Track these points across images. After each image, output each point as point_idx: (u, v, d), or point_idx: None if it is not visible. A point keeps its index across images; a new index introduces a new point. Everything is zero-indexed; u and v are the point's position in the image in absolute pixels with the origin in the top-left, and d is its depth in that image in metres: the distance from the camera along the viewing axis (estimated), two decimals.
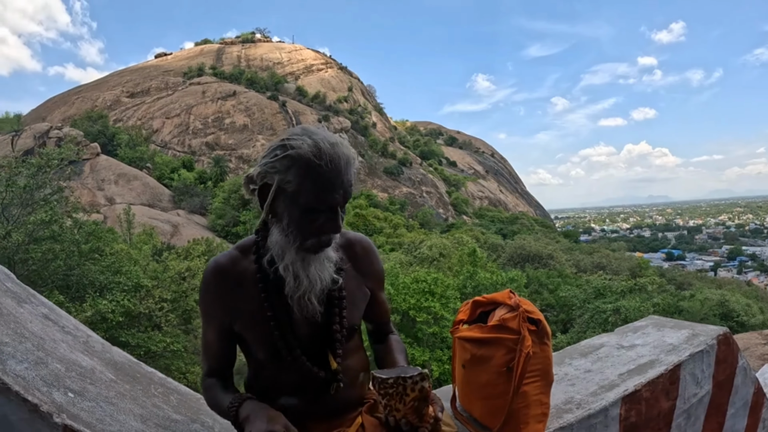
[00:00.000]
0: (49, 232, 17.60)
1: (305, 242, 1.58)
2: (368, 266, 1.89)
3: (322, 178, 1.50)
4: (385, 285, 2.08)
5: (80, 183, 51.78)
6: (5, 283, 2.21)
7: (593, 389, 2.58)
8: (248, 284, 1.70)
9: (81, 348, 2.09)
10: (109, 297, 16.99)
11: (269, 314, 1.67)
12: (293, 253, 1.61)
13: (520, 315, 2.12)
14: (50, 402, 1.55)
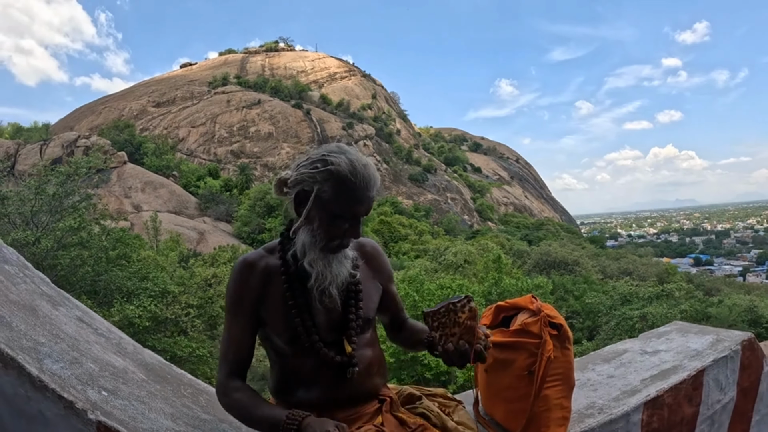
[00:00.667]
0: (77, 239, 17.95)
1: (330, 243, 1.79)
2: (379, 264, 2.10)
3: (354, 192, 1.74)
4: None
5: (107, 191, 52.62)
6: (41, 286, 2.28)
7: (615, 394, 2.58)
8: (274, 277, 1.87)
9: (113, 349, 2.15)
10: (136, 302, 17.26)
11: (291, 302, 1.83)
12: (317, 252, 1.81)
13: (542, 319, 2.14)
14: (85, 399, 1.61)
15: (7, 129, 73.47)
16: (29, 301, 2.06)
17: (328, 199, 1.74)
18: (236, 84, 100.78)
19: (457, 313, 1.68)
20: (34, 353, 1.70)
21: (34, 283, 2.27)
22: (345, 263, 1.86)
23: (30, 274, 2.33)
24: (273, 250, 1.94)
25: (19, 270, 2.29)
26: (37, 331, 1.85)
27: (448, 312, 1.70)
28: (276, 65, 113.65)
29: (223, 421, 2.09)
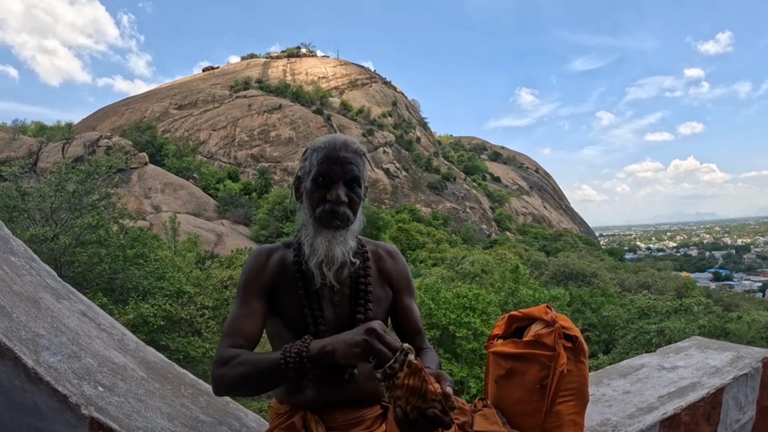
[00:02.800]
0: (95, 237, 18.07)
1: (316, 211, 1.84)
2: (391, 267, 2.06)
3: (326, 152, 1.85)
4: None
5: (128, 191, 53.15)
6: (46, 279, 2.25)
7: (631, 411, 2.51)
8: (288, 269, 1.91)
9: (115, 345, 2.11)
10: (152, 301, 17.32)
11: (301, 291, 1.86)
12: (311, 228, 1.86)
13: (556, 331, 2.06)
14: (80, 394, 1.56)
15: (31, 127, 74.49)
16: (33, 293, 2.03)
17: (308, 170, 1.88)
18: (258, 88, 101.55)
19: (395, 373, 1.43)
20: (32, 345, 1.66)
21: (39, 275, 2.24)
22: (341, 245, 1.85)
23: (36, 266, 2.30)
24: (290, 245, 1.99)
25: (26, 262, 2.26)
26: (37, 323, 1.82)
27: (385, 374, 1.43)
28: (297, 70, 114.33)
29: (222, 423, 2.04)
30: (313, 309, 1.86)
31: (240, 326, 1.81)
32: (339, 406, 1.86)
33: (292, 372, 1.54)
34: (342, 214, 1.83)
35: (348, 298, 1.92)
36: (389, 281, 2.04)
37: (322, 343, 1.55)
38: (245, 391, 1.69)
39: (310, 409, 1.85)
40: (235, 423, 2.15)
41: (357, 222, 1.92)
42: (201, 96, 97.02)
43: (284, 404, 1.93)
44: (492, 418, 1.96)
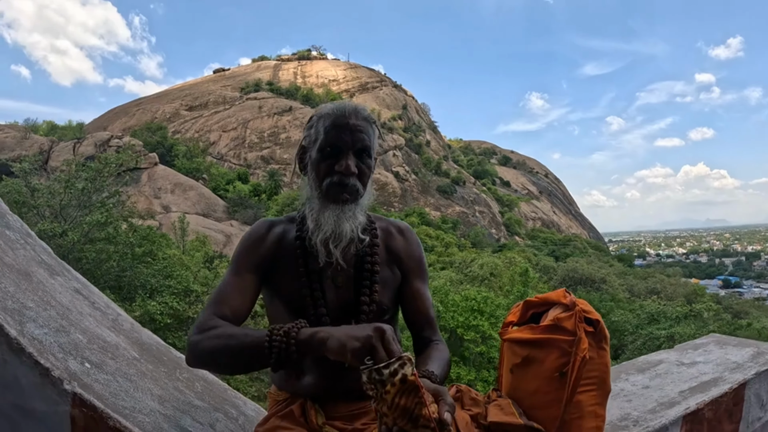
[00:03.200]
0: (104, 234, 18.07)
1: (322, 184, 1.69)
2: (401, 245, 1.90)
3: (334, 120, 1.70)
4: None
5: (137, 190, 53.27)
6: (41, 255, 2.15)
7: (652, 406, 2.41)
8: (289, 244, 1.78)
9: (108, 324, 2.00)
10: (159, 299, 17.28)
11: (301, 269, 1.71)
12: (317, 201, 1.71)
13: (576, 314, 1.92)
14: (63, 369, 1.45)
15: (42, 126, 74.85)
16: (25, 266, 1.92)
17: (314, 139, 1.73)
18: (268, 90, 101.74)
19: (383, 385, 1.17)
20: (18, 315, 1.55)
21: (34, 250, 2.14)
22: (350, 220, 1.70)
23: (32, 242, 2.20)
24: (293, 220, 1.86)
25: (21, 237, 2.15)
26: (26, 295, 1.70)
27: (371, 380, 1.18)
28: (308, 73, 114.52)
29: (217, 410, 1.92)
30: (314, 289, 1.71)
31: (228, 297, 1.66)
32: (341, 396, 1.73)
33: (275, 355, 1.36)
34: (351, 187, 1.69)
35: (352, 279, 1.76)
36: (398, 262, 1.88)
37: (316, 330, 1.37)
38: (220, 366, 1.55)
39: (310, 397, 1.73)
40: (232, 410, 2.03)
41: (367, 196, 1.77)
42: (211, 97, 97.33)
43: (283, 391, 1.81)
44: (507, 409, 1.83)
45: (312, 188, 1.74)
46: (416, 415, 1.16)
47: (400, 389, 1.15)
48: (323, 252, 1.70)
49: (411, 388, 1.16)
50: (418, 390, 1.16)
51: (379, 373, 1.16)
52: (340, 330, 1.32)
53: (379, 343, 1.23)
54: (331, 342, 1.31)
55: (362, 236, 1.75)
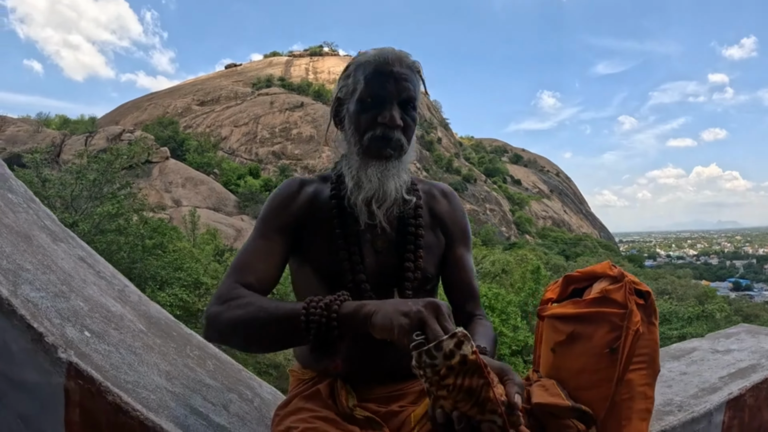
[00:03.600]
0: (115, 225, 18.01)
1: (363, 138, 1.52)
2: (445, 209, 1.73)
3: (376, 68, 1.52)
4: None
5: (149, 184, 53.31)
6: (44, 220, 1.99)
7: (693, 391, 2.34)
8: (323, 205, 1.61)
9: (114, 294, 1.83)
10: (169, 291, 17.21)
11: (338, 231, 1.54)
12: (356, 158, 1.55)
13: (626, 285, 1.74)
14: (59, 335, 1.29)
15: (55, 120, 75.11)
16: (26, 229, 1.75)
17: (353, 89, 1.56)
18: (280, 86, 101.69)
19: (436, 368, 0.97)
20: (12, 276, 1.38)
21: (37, 215, 1.97)
22: (395, 179, 1.53)
23: (35, 207, 2.03)
24: (327, 179, 1.68)
25: (24, 201, 1.99)
26: (24, 257, 1.54)
27: (422, 364, 0.98)
28: (320, 69, 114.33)
29: (231, 390, 1.75)
30: (352, 253, 1.53)
31: (253, 263, 1.47)
32: (377, 377, 1.56)
33: (314, 330, 1.17)
34: (396, 141, 1.52)
35: (394, 244, 1.59)
36: (442, 226, 1.70)
37: (361, 304, 1.18)
38: (243, 341, 1.34)
39: (341, 377, 1.55)
40: (247, 392, 1.86)
41: (411, 152, 1.60)
42: (223, 93, 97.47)
43: (308, 369, 1.63)
44: (553, 390, 1.64)
45: (350, 144, 1.57)
46: (483, 399, 0.97)
47: (460, 371, 0.97)
48: (364, 213, 1.53)
49: (473, 368, 0.97)
50: (481, 370, 0.97)
51: (431, 355, 0.97)
52: (388, 303, 1.13)
53: (433, 319, 1.05)
54: (377, 318, 1.12)
55: (407, 197, 1.58)
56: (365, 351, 1.52)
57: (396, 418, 1.46)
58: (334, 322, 1.17)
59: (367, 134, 1.51)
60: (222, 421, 1.51)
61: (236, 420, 1.59)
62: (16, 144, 55.10)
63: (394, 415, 1.46)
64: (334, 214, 1.57)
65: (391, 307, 1.11)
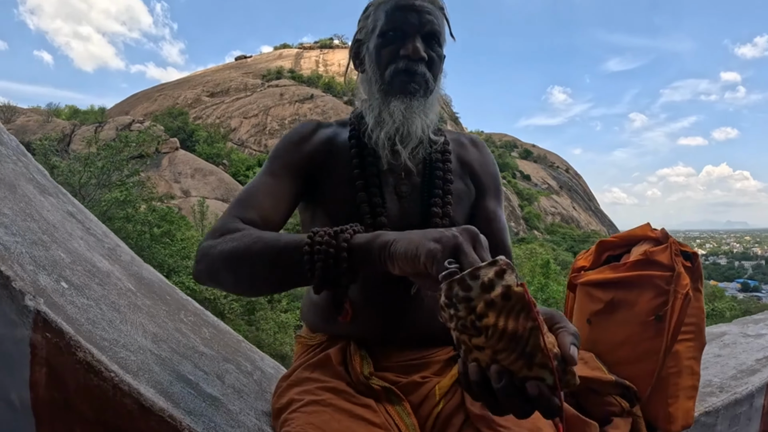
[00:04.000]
0: (123, 213, 17.93)
1: (385, 73, 1.37)
2: (475, 158, 1.55)
3: (394, 4, 1.38)
4: None
5: (158, 174, 53.35)
6: (34, 174, 1.81)
7: (732, 373, 2.29)
8: (339, 147, 1.45)
9: (103, 252, 1.65)
10: (176, 279, 17.12)
11: (357, 172, 1.38)
12: (379, 97, 1.38)
13: (672, 246, 1.55)
14: (30, 282, 1.10)
15: (65, 111, 75.38)
16: (11, 179, 1.57)
17: (373, 27, 1.42)
18: (290, 78, 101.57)
19: (471, 304, 0.72)
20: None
21: (27, 168, 1.79)
22: (420, 116, 1.36)
23: (25, 161, 1.85)
24: (346, 124, 1.52)
25: (13, 153, 1.81)
26: (3, 203, 1.36)
27: (453, 297, 0.74)
28: (330, 61, 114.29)
29: (228, 361, 1.57)
30: (372, 195, 1.35)
31: (257, 199, 1.29)
32: (397, 341, 1.36)
33: (319, 263, 0.95)
34: (421, 75, 1.36)
35: (419, 190, 1.41)
36: (472, 175, 1.52)
37: (376, 233, 0.96)
38: (233, 278, 1.10)
39: (355, 340, 1.37)
40: (247, 364, 1.68)
41: (437, 92, 1.44)
42: (233, 84, 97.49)
43: (318, 333, 1.45)
44: (593, 363, 1.46)
45: (371, 83, 1.41)
46: (531, 348, 0.70)
47: (503, 308, 0.71)
48: (387, 152, 1.37)
49: (519, 305, 0.71)
50: (529, 308, 0.71)
51: (465, 285, 0.72)
52: (412, 232, 0.90)
53: (470, 246, 0.82)
54: (399, 245, 0.89)
55: (434, 137, 1.44)
56: (384, 308, 1.34)
57: (418, 390, 1.28)
58: (343, 253, 0.94)
59: (389, 68, 1.36)
60: (214, 392, 1.32)
61: (231, 392, 1.40)
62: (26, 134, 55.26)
63: (415, 386, 1.28)
64: (353, 154, 1.40)
65: (416, 234, 0.88)
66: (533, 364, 0.71)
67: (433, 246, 0.82)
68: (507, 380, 0.72)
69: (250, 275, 1.07)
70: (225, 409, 1.26)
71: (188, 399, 1.18)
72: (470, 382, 0.75)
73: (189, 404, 1.16)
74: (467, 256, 0.79)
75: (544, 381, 0.71)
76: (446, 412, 1.22)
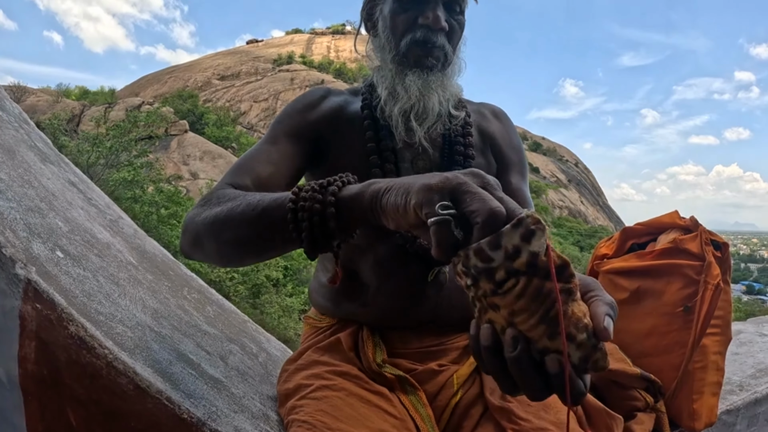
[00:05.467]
0: (131, 194, 17.92)
1: (400, 43, 1.25)
2: (497, 131, 1.43)
3: None
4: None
5: (167, 156, 53.36)
6: (36, 142, 1.73)
7: (750, 372, 2.23)
8: (351, 117, 1.33)
9: (104, 222, 1.58)
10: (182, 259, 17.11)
11: (371, 145, 1.26)
12: (392, 69, 1.28)
13: (701, 235, 1.47)
14: (22, 250, 1.03)
15: (74, 91, 75.38)
16: (11, 145, 1.50)
17: None
18: (301, 63, 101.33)
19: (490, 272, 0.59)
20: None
21: (28, 136, 1.71)
22: (438, 91, 1.24)
23: (27, 128, 1.77)
24: (358, 92, 1.40)
25: (15, 120, 1.73)
26: (0, 167, 1.28)
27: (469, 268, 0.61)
28: (342, 47, 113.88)
29: (232, 341, 1.50)
30: (387, 172, 1.24)
31: (253, 165, 1.18)
32: (413, 325, 1.28)
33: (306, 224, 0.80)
34: (440, 48, 1.25)
35: (438, 166, 1.30)
36: (494, 149, 1.41)
37: (370, 182, 0.79)
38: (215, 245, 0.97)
39: (368, 324, 1.29)
40: (252, 345, 1.61)
41: (457, 63, 1.33)
42: (244, 68, 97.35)
43: (327, 316, 1.37)
44: (617, 354, 1.39)
45: (384, 51, 1.30)
46: (555, 313, 0.58)
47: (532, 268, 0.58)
48: (402, 127, 1.26)
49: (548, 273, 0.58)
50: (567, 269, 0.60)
51: (484, 255, 0.58)
52: (407, 177, 0.73)
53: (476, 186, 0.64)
54: (389, 194, 0.72)
55: (455, 112, 1.31)
56: (399, 290, 1.25)
57: (435, 379, 1.19)
58: (330, 208, 0.79)
59: (406, 38, 1.25)
60: (217, 374, 1.24)
61: (235, 374, 1.32)
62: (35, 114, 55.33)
63: (432, 374, 1.20)
64: (366, 126, 1.29)
65: (412, 178, 0.71)
66: (556, 332, 0.58)
67: (425, 188, 0.65)
68: (523, 349, 0.59)
69: (233, 241, 0.94)
70: (228, 392, 1.19)
71: (188, 380, 1.11)
72: (480, 347, 0.63)
73: (189, 386, 1.09)
74: (473, 194, 0.62)
75: (569, 357, 0.58)
76: (465, 402, 1.14)
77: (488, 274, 0.59)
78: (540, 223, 0.58)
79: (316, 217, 0.79)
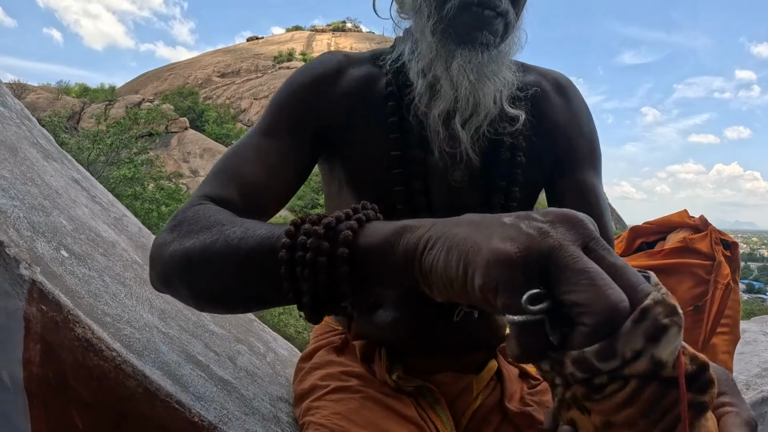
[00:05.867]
0: (131, 191, 17.93)
1: (446, 5, 0.90)
2: (561, 114, 1.08)
3: None
4: None
5: (167, 154, 53.40)
6: (38, 138, 1.71)
7: (756, 371, 2.22)
8: (377, 99, 1.00)
9: (108, 221, 1.56)
10: None
11: (395, 154, 0.96)
12: (432, 42, 0.92)
13: (711, 234, 1.46)
14: (26, 249, 1.02)
15: (74, 89, 75.41)
16: (13, 142, 1.47)
17: None
18: (301, 60, 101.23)
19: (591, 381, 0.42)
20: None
21: (30, 132, 1.70)
22: (493, 80, 0.93)
23: (29, 125, 1.76)
24: (378, 58, 1.05)
25: (17, 116, 1.71)
26: (3, 165, 1.26)
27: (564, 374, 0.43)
28: (342, 45, 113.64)
29: (240, 341, 1.48)
30: (413, 190, 0.96)
31: (243, 169, 0.90)
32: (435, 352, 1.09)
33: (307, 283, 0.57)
34: (503, 13, 0.92)
35: (479, 176, 1.01)
36: (559, 140, 1.07)
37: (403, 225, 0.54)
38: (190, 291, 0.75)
39: (386, 345, 1.09)
40: (259, 345, 1.60)
41: (517, 34, 1.00)
42: (244, 65, 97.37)
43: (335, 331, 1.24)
44: None
45: (420, 14, 0.95)
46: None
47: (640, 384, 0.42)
48: (441, 134, 0.97)
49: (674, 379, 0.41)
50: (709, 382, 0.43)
51: (587, 366, 0.41)
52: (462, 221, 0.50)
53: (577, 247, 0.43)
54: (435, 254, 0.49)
55: (512, 110, 0.97)
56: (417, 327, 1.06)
57: (453, 384, 1.09)
58: (344, 266, 0.55)
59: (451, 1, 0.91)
60: (226, 375, 1.22)
61: (244, 375, 1.31)
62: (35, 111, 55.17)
63: (450, 380, 1.09)
64: (391, 126, 0.98)
65: (467, 227, 0.48)
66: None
67: (501, 261, 0.43)
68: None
69: (211, 288, 0.72)
70: (238, 393, 1.17)
71: (198, 383, 1.09)
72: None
73: (199, 388, 1.07)
74: (576, 273, 0.41)
75: None
76: (484, 408, 1.06)
77: (588, 383, 0.43)
78: (676, 314, 0.40)
79: (321, 276, 0.56)
